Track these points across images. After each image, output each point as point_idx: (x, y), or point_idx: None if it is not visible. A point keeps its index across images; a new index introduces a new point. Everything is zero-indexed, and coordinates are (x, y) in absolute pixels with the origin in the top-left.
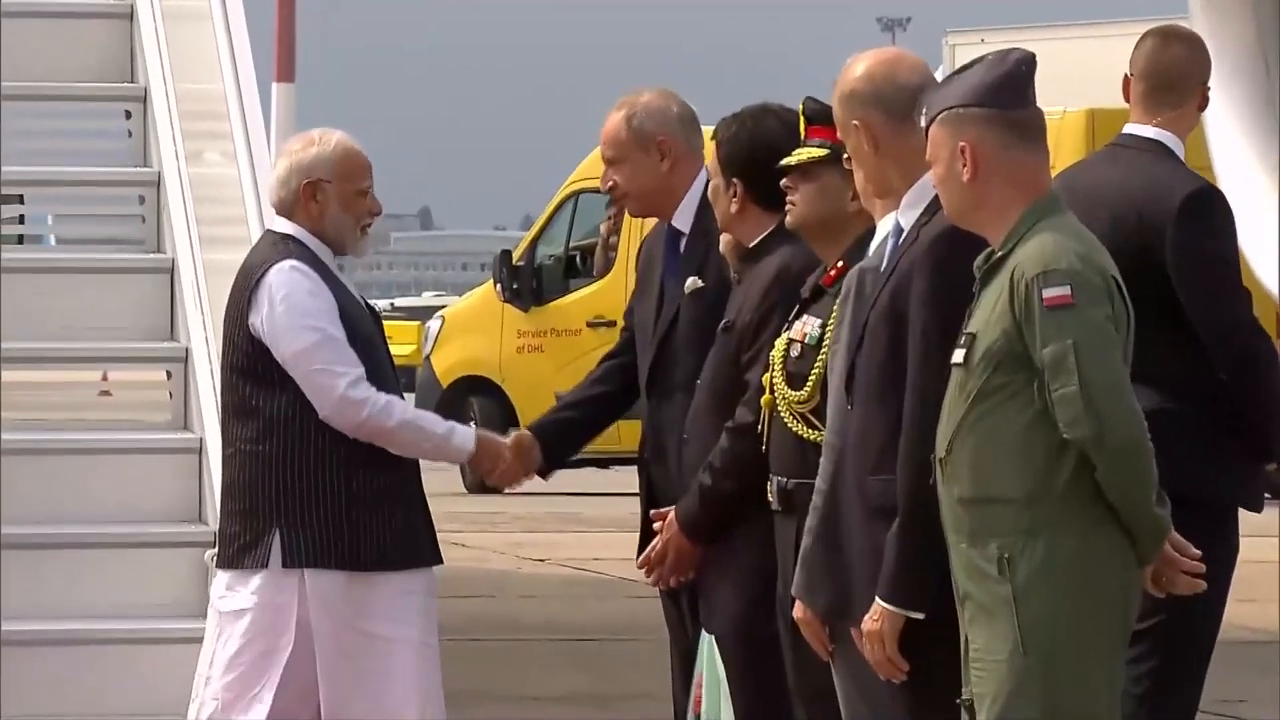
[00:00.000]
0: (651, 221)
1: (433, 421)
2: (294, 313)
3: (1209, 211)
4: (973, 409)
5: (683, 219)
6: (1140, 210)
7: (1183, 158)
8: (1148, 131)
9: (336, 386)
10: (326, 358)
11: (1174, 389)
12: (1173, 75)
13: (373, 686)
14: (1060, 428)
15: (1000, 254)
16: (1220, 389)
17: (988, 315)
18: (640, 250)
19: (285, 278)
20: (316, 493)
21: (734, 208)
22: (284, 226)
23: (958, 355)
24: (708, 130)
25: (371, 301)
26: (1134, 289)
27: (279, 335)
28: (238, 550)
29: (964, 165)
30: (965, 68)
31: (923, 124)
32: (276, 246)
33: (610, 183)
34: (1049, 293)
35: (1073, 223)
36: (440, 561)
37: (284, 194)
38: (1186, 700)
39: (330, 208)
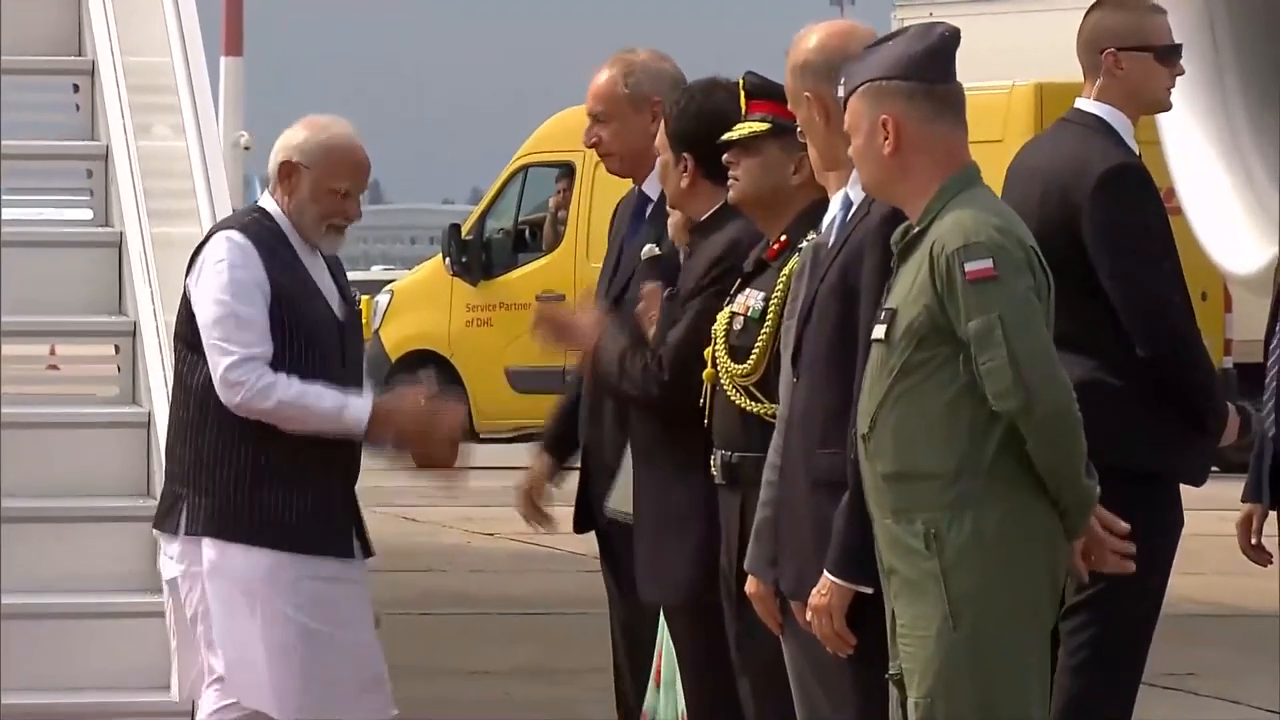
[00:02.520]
0: (606, 192)
1: (320, 398)
2: (211, 283)
3: (1123, 187)
4: (895, 385)
5: (654, 185)
6: (1064, 187)
7: (1124, 131)
8: (1090, 106)
9: (220, 364)
10: (222, 333)
11: (1110, 360)
12: (1086, 43)
13: (266, 661)
14: (989, 400)
15: (918, 229)
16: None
17: (907, 291)
18: (614, 214)
19: (217, 247)
20: (225, 463)
21: (684, 182)
22: (265, 199)
23: (878, 331)
24: None
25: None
26: (1066, 261)
27: (195, 303)
28: (160, 514)
29: (885, 138)
30: (886, 39)
31: (841, 95)
32: (238, 216)
33: (595, 138)
34: (971, 266)
35: (989, 196)
36: (353, 555)
37: (271, 166)
38: (1128, 672)
39: (300, 193)
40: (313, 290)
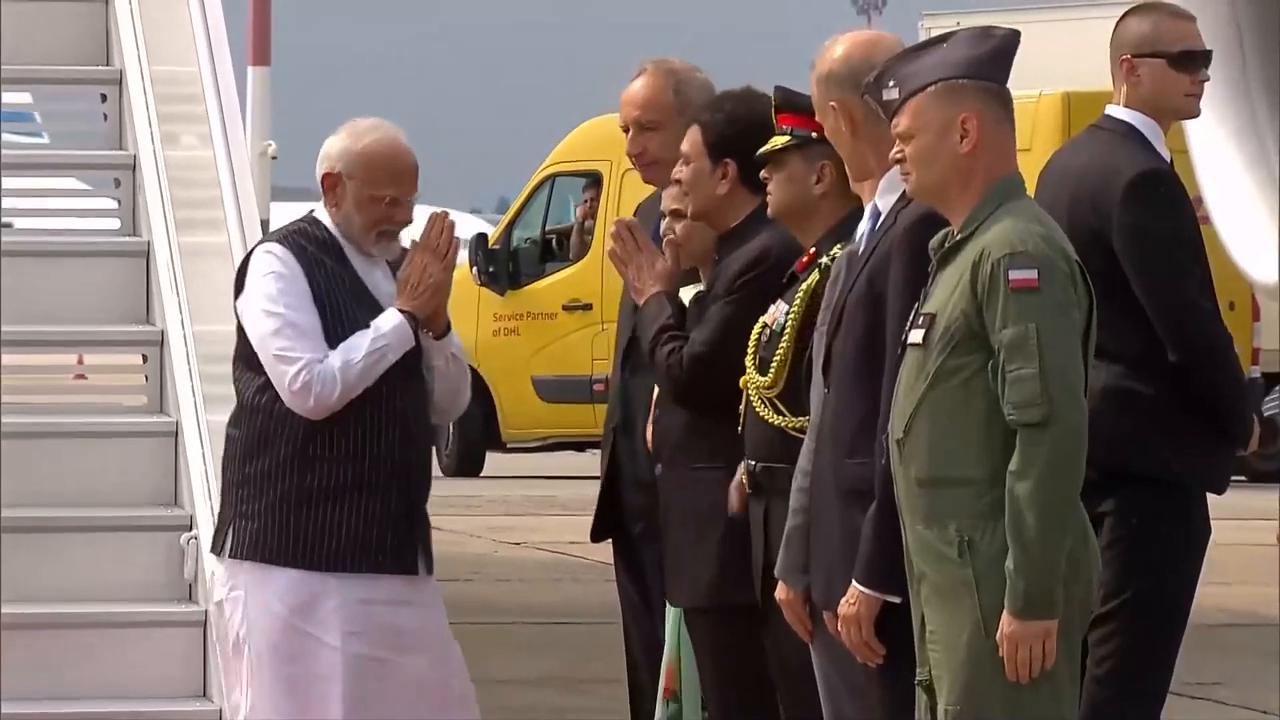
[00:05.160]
0: (634, 202)
1: (357, 348)
2: (258, 296)
3: (1153, 193)
4: (931, 390)
5: None
6: (1093, 193)
7: (1154, 137)
8: (1119, 113)
9: (285, 374)
10: (283, 344)
11: (1138, 368)
12: (1111, 50)
13: (303, 691)
14: (1007, 409)
15: (960, 236)
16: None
17: (947, 296)
18: (635, 216)
19: (259, 261)
20: (270, 484)
21: (722, 189)
22: (319, 208)
23: (915, 336)
24: None
25: None
26: (1094, 268)
27: (245, 319)
28: (213, 535)
29: (962, 137)
30: (936, 41)
31: (893, 95)
32: (287, 227)
33: (640, 148)
34: (1015, 275)
35: (1033, 206)
36: (417, 571)
37: (317, 176)
38: (1154, 682)
39: (345, 203)
40: (365, 298)
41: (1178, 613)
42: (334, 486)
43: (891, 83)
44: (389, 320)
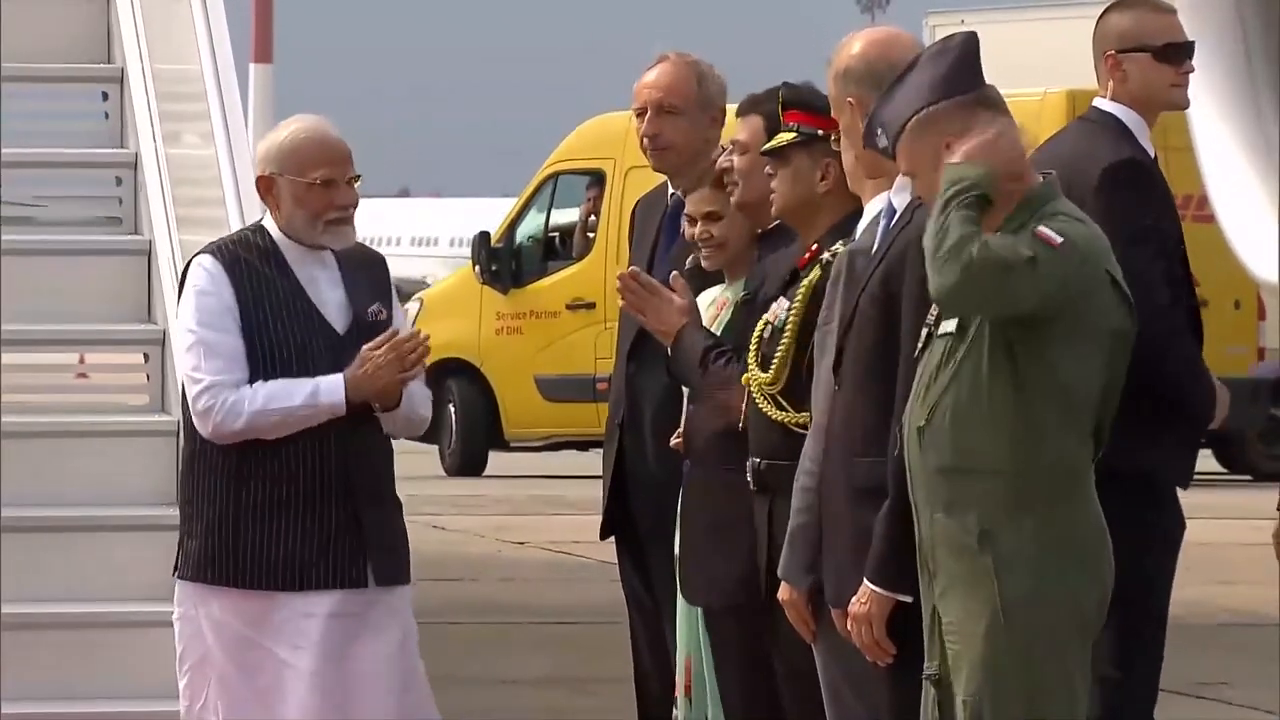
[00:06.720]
0: (630, 199)
1: (290, 395)
2: (182, 312)
3: (1125, 182)
4: (956, 379)
5: None
6: (1069, 181)
7: (1138, 130)
8: (1106, 105)
9: (189, 394)
10: (191, 363)
11: None
12: (1094, 46)
13: (267, 704)
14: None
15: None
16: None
17: None
18: (635, 210)
19: (191, 275)
20: (210, 503)
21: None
22: (265, 216)
23: (948, 325)
24: None
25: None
26: None
27: (172, 334)
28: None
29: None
30: (903, 76)
31: (884, 143)
32: (224, 237)
33: (657, 130)
34: (1042, 229)
35: (1076, 211)
36: (364, 584)
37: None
38: (1147, 677)
39: (284, 203)
40: (302, 308)
41: (1161, 607)
42: (270, 503)
43: (879, 130)
44: (330, 394)
